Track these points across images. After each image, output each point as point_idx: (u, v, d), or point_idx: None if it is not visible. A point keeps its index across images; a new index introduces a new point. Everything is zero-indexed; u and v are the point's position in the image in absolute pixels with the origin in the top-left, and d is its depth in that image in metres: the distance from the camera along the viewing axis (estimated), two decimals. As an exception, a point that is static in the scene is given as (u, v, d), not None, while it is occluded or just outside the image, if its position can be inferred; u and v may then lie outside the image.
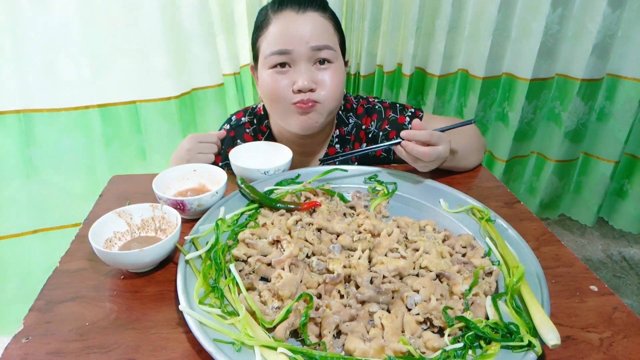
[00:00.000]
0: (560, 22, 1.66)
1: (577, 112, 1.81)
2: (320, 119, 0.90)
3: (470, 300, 0.56)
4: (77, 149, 1.46)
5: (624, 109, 1.80)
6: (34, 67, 1.32)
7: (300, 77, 0.85)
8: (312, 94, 0.87)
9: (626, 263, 1.91)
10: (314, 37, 0.84)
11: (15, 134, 1.37)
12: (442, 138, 0.80)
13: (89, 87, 1.40)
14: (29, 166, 1.41)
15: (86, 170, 1.50)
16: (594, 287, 0.63)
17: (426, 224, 0.73)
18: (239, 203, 0.77)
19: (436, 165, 0.84)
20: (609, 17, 1.60)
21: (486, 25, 1.65)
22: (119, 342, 0.53)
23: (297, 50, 0.85)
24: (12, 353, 0.51)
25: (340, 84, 0.90)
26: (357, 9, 1.61)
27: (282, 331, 0.51)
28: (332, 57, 0.88)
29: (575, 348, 0.53)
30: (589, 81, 1.74)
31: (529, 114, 1.85)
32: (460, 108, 1.88)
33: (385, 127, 1.02)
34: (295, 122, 0.90)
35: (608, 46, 1.68)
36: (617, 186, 2.05)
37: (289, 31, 0.85)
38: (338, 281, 0.58)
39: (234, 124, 1.06)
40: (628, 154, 1.96)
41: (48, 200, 1.48)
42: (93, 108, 1.43)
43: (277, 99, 0.89)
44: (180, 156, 0.92)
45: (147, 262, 0.62)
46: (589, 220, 2.08)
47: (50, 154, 1.43)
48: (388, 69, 1.77)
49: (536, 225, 0.78)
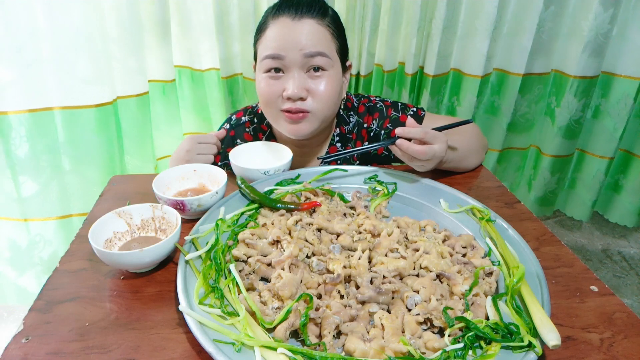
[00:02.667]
0: (553, 19, 1.70)
1: (572, 109, 1.84)
2: (311, 128, 0.91)
3: (471, 300, 0.56)
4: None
5: (619, 106, 1.84)
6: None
7: (291, 84, 0.85)
8: (302, 102, 0.87)
9: (626, 263, 1.91)
10: (307, 44, 0.84)
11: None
12: (437, 137, 0.80)
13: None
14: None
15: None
16: (594, 287, 0.63)
17: (426, 224, 0.73)
18: (239, 203, 0.77)
19: (433, 164, 0.84)
20: (601, 16, 1.64)
21: (483, 24, 1.67)
22: (119, 342, 0.53)
23: (289, 57, 0.85)
24: (12, 353, 0.51)
25: (333, 92, 0.89)
26: (359, 9, 1.62)
27: (282, 331, 0.51)
28: (326, 65, 0.87)
29: (576, 348, 0.53)
30: (584, 78, 1.77)
31: (523, 107, 1.89)
32: (452, 107, 1.90)
33: (387, 126, 1.03)
34: (284, 128, 0.91)
35: (602, 44, 1.71)
36: (612, 181, 2.10)
37: (283, 37, 0.85)
38: (338, 281, 0.58)
39: (233, 123, 1.07)
40: (623, 150, 2.01)
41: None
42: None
43: (268, 104, 0.90)
44: (179, 157, 0.92)
45: (147, 262, 0.62)
46: (584, 215, 2.12)
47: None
48: (388, 68, 1.78)
49: (536, 225, 0.78)
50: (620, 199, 2.09)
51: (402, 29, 1.71)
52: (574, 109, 1.83)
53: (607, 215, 2.17)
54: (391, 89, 1.85)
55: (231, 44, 1.61)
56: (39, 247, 1.55)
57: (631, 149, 1.99)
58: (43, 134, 1.38)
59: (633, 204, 2.04)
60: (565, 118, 1.85)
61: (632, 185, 2.01)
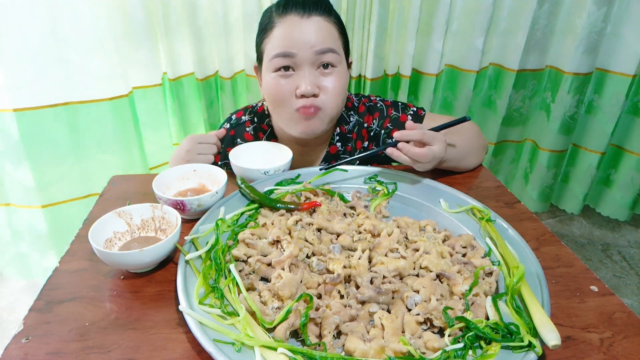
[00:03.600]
0: (547, 17, 1.73)
1: (566, 105, 1.86)
2: (322, 126, 0.91)
3: (471, 300, 0.56)
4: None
5: (612, 102, 1.86)
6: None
7: (304, 81, 0.86)
8: (315, 99, 0.87)
9: (626, 263, 1.91)
10: (318, 41, 0.85)
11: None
12: (436, 137, 0.80)
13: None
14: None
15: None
16: (594, 287, 0.63)
17: (426, 224, 0.73)
18: (239, 203, 0.77)
19: (433, 165, 0.84)
20: (595, 14, 1.66)
21: (481, 21, 1.69)
22: (119, 342, 0.53)
23: (301, 54, 0.85)
24: (12, 353, 0.51)
25: (342, 89, 0.91)
26: (359, 12, 1.62)
27: (282, 331, 0.51)
28: (335, 61, 0.88)
29: (576, 348, 0.53)
30: (579, 75, 1.79)
31: (517, 101, 1.91)
32: (449, 103, 1.92)
33: (387, 126, 1.03)
34: (297, 128, 0.91)
35: (596, 42, 1.73)
36: (604, 175, 2.13)
37: (294, 35, 0.85)
38: (338, 281, 0.58)
39: (233, 122, 1.06)
40: (614, 145, 2.04)
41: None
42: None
43: (280, 103, 0.89)
44: (179, 157, 0.91)
45: (147, 262, 0.62)
46: (576, 208, 2.16)
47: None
48: (391, 72, 1.79)
49: (536, 225, 0.78)
50: (611, 193, 2.13)
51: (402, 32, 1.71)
52: (568, 105, 1.85)
53: (599, 209, 2.22)
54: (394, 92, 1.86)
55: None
56: (63, 228, 1.65)
57: (622, 144, 2.03)
58: (67, 125, 1.51)
59: (624, 198, 2.08)
60: (560, 113, 1.88)
61: (622, 180, 2.06)
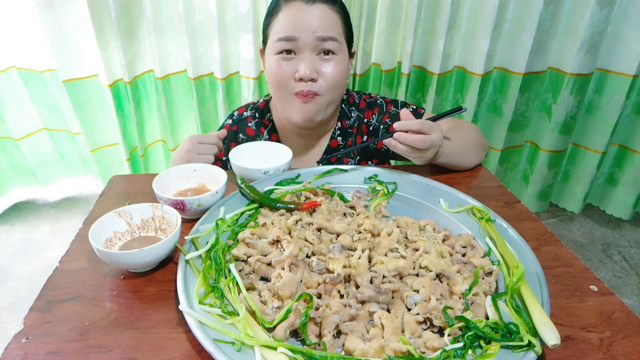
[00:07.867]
0: (551, 18, 1.72)
1: (568, 105, 1.86)
2: (319, 111, 0.94)
3: (470, 300, 0.56)
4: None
5: (612, 102, 1.86)
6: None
7: (303, 65, 0.88)
8: (313, 84, 0.90)
9: (626, 263, 1.91)
10: (320, 28, 0.88)
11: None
12: (433, 127, 0.81)
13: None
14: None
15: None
16: (594, 287, 0.63)
17: (426, 223, 0.73)
18: (239, 203, 0.77)
19: (431, 154, 0.84)
20: (597, 15, 1.66)
21: (485, 23, 1.68)
22: (119, 342, 0.53)
23: (302, 39, 0.88)
24: (12, 353, 0.51)
25: (341, 75, 0.93)
26: (356, 8, 1.62)
27: (282, 331, 0.51)
28: (336, 49, 0.90)
29: (575, 348, 0.53)
30: (580, 76, 1.79)
31: (522, 105, 1.91)
32: (456, 104, 1.91)
33: (385, 121, 1.05)
34: (295, 110, 0.94)
35: (597, 42, 1.72)
36: (608, 174, 2.13)
37: (297, 19, 0.88)
38: (338, 281, 0.58)
39: (236, 118, 1.09)
40: (617, 144, 2.04)
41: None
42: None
43: (279, 85, 0.92)
44: (180, 157, 0.92)
45: (147, 262, 0.62)
46: (576, 207, 2.16)
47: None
48: (386, 67, 1.78)
49: (536, 225, 0.78)
50: (616, 192, 2.13)
51: (400, 29, 1.71)
52: (569, 106, 1.85)
53: (603, 207, 2.22)
54: (390, 88, 1.86)
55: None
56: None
57: (626, 143, 2.03)
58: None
59: (628, 196, 2.08)
60: (561, 114, 1.88)
61: (627, 179, 2.06)
